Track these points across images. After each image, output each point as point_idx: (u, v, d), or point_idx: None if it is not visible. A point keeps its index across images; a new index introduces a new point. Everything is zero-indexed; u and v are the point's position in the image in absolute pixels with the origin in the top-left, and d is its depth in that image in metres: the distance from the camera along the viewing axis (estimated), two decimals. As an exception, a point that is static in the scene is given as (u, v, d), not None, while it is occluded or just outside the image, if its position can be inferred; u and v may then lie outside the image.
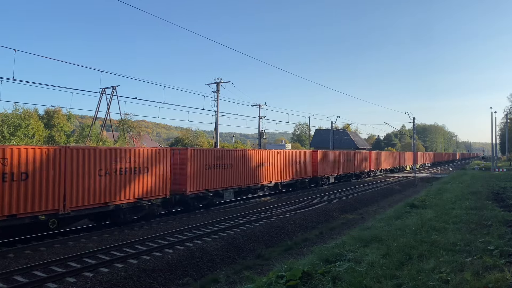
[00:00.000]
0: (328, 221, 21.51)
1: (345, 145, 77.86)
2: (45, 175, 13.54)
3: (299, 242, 16.73)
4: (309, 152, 34.73)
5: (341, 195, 29.69)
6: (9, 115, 46.46)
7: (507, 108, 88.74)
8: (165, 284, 11.60)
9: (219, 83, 37.62)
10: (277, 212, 21.31)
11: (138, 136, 68.94)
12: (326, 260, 8.58)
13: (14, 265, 11.39)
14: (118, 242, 14.28)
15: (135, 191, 16.92)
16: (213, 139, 42.35)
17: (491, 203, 16.39)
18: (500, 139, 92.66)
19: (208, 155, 21.58)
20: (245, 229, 17.13)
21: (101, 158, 15.49)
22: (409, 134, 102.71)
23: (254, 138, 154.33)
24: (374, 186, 38.01)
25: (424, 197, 20.13)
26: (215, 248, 14.35)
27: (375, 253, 8.53)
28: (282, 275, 7.34)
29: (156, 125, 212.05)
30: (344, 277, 6.99)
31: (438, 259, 7.76)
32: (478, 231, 10.42)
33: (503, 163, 76.86)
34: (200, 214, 20.72)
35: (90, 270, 11.24)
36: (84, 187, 14.88)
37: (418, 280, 6.59)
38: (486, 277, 6.45)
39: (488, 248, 8.44)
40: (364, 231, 11.83)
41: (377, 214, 21.34)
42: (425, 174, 57.90)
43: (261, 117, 48.31)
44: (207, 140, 78.73)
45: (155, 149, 18.35)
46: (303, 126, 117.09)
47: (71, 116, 66.68)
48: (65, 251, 13.11)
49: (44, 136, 51.38)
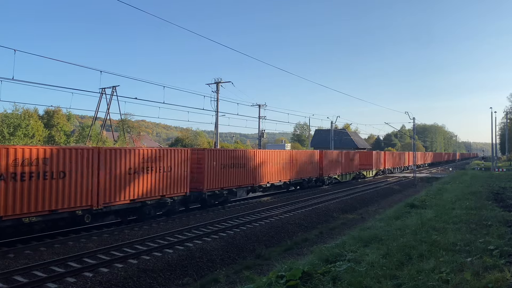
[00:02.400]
0: (328, 221, 21.52)
1: (345, 145, 77.79)
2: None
3: (299, 242, 16.74)
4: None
5: (341, 195, 29.70)
6: (9, 115, 46.42)
7: (507, 108, 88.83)
8: (165, 284, 11.60)
9: (219, 83, 37.60)
10: (277, 212, 21.31)
11: (138, 136, 68.84)
12: (326, 260, 8.57)
13: (14, 265, 11.39)
14: (118, 242, 14.29)
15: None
16: (213, 139, 42.34)
17: (491, 203, 16.37)
18: (500, 139, 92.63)
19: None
20: (245, 229, 17.13)
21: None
22: (409, 134, 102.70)
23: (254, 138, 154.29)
24: (374, 186, 38.02)
25: (424, 197, 20.11)
26: (215, 248, 14.35)
27: (375, 253, 8.52)
28: (282, 275, 7.34)
29: (156, 125, 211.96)
30: (344, 277, 6.98)
31: (438, 259, 7.75)
32: (478, 231, 10.41)
33: (503, 163, 76.93)
34: (199, 214, 20.74)
35: (90, 270, 11.24)
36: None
37: (418, 280, 6.59)
38: (486, 277, 6.45)
39: (488, 248, 8.43)
40: (364, 231, 11.82)
41: (377, 214, 21.33)
42: (425, 174, 57.90)
43: (261, 117, 48.34)
44: (207, 140, 78.62)
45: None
46: (303, 126, 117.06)
47: (71, 116, 66.72)
48: (65, 251, 13.11)
49: (44, 136, 51.36)
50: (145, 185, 17.41)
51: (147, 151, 17.81)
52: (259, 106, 47.93)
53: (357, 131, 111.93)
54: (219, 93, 37.56)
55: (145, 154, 17.45)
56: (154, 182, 17.85)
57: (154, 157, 17.88)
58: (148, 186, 17.54)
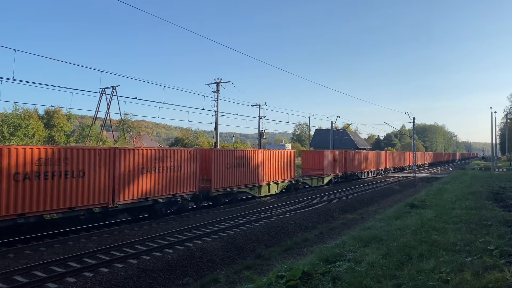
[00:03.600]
0: (328, 221, 21.51)
1: (345, 145, 77.79)
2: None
3: (299, 242, 16.73)
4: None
5: (341, 195, 29.69)
6: (9, 115, 46.34)
7: (507, 108, 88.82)
8: (165, 284, 11.59)
9: (219, 83, 37.58)
10: (277, 212, 21.31)
11: (138, 136, 68.81)
12: (326, 260, 8.56)
13: (14, 265, 11.39)
14: (118, 242, 14.29)
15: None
16: (213, 139, 42.33)
17: (491, 203, 16.35)
18: (500, 139, 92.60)
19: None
20: (245, 229, 17.13)
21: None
22: (409, 134, 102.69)
23: (254, 138, 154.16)
24: (374, 186, 38.01)
25: (424, 197, 20.10)
26: (215, 248, 14.35)
27: (375, 253, 8.51)
28: (282, 275, 7.33)
29: (156, 125, 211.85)
30: (344, 277, 6.98)
31: (438, 259, 7.74)
32: (478, 231, 10.40)
33: (503, 163, 76.88)
34: (199, 214, 20.74)
35: (90, 270, 11.24)
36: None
37: (418, 280, 6.58)
38: (486, 277, 6.44)
39: (488, 248, 8.42)
40: (364, 231, 11.81)
41: (377, 214, 21.32)
42: (425, 174, 57.87)
43: (261, 117, 48.33)
44: (207, 140, 78.52)
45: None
46: (303, 126, 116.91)
47: (71, 116, 66.56)
48: (65, 251, 13.11)
49: (44, 136, 51.32)
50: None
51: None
52: (259, 106, 47.92)
53: (357, 131, 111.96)
54: (219, 93, 37.56)
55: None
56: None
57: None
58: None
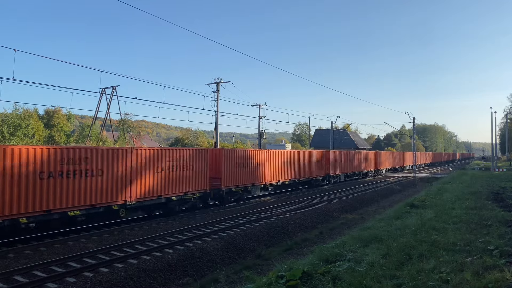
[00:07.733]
0: (328, 221, 21.51)
1: (345, 145, 77.77)
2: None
3: (299, 242, 16.73)
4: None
5: (341, 195, 29.68)
6: (9, 115, 46.36)
7: (507, 108, 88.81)
8: (165, 284, 11.59)
9: (219, 83, 37.55)
10: (277, 212, 21.31)
11: (138, 136, 68.79)
12: (326, 260, 8.56)
13: (14, 265, 11.39)
14: (118, 242, 14.28)
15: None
16: (213, 139, 42.32)
17: (491, 203, 16.36)
18: (500, 139, 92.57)
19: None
20: (245, 229, 17.12)
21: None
22: (409, 134, 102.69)
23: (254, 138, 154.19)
24: (374, 186, 38.01)
25: (424, 197, 20.10)
26: (215, 248, 14.35)
27: (375, 253, 8.52)
28: (282, 275, 7.33)
29: (156, 125, 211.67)
30: (344, 277, 6.98)
31: (438, 259, 7.75)
32: (478, 231, 10.40)
33: (503, 163, 76.88)
34: (199, 214, 20.74)
35: (90, 270, 11.23)
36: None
37: (418, 280, 6.58)
38: (486, 277, 6.44)
39: (488, 248, 8.43)
40: (364, 231, 11.82)
41: (377, 214, 21.32)
42: (425, 174, 57.85)
43: (261, 117, 48.30)
44: (207, 140, 78.51)
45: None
46: (303, 126, 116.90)
47: (71, 116, 66.59)
48: (65, 251, 13.11)
49: (44, 136, 51.34)
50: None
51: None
52: (259, 106, 47.90)
53: (357, 131, 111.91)
54: (219, 93, 37.53)
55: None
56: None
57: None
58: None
